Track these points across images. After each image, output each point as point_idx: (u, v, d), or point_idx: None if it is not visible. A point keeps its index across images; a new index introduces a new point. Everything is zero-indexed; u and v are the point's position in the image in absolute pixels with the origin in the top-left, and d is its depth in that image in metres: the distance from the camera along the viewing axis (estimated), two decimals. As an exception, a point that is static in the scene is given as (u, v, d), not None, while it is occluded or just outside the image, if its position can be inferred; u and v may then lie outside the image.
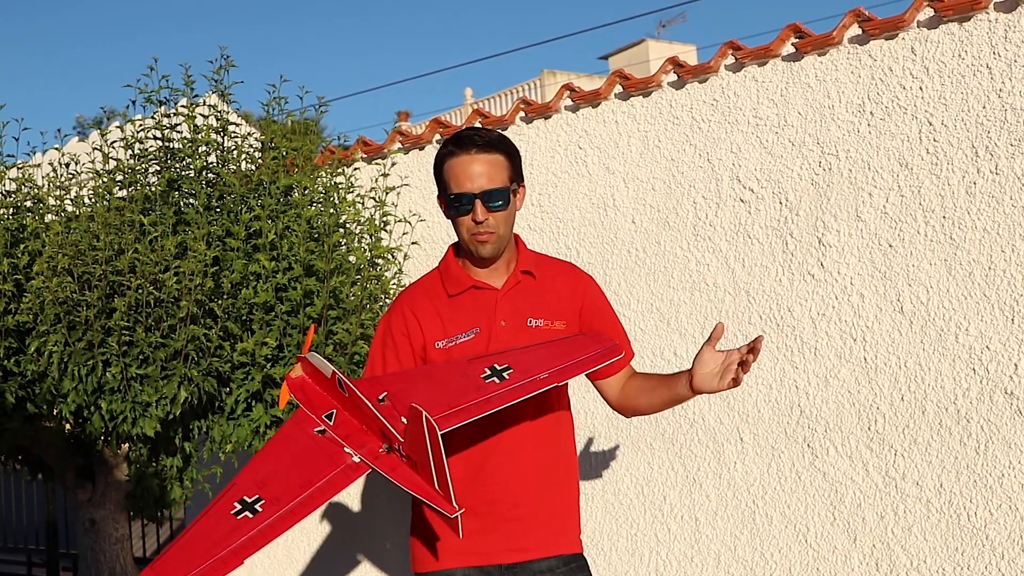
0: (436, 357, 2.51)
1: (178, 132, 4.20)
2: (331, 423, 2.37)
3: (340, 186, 4.35)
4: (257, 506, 2.23)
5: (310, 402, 2.44)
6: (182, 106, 4.24)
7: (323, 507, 5.22)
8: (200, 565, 2.12)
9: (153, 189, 4.09)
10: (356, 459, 2.29)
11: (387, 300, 4.32)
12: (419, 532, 2.57)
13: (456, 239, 2.60)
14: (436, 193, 2.60)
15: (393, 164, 4.76)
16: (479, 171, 2.45)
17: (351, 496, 5.16)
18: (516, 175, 2.54)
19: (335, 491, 2.27)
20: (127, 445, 4.40)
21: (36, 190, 4.21)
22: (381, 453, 2.27)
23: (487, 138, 2.49)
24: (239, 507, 2.23)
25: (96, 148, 4.21)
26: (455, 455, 2.43)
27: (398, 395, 2.37)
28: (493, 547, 2.47)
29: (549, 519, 2.52)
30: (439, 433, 2.10)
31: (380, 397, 2.35)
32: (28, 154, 4.30)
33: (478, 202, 2.45)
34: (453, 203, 2.48)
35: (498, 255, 2.54)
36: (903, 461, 3.63)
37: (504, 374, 2.41)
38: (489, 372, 2.42)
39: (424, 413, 2.09)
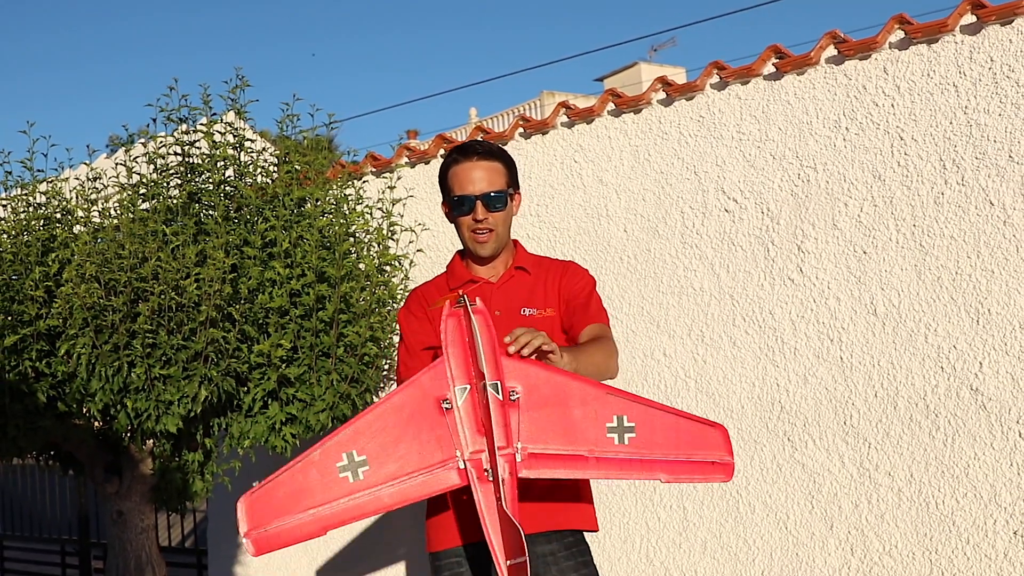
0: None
1: (197, 148, 4.24)
2: (460, 403, 2.22)
3: (350, 198, 4.39)
4: (360, 471, 2.16)
5: (456, 355, 2.25)
6: (201, 124, 4.27)
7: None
8: (287, 516, 2.13)
9: (175, 201, 4.13)
10: (462, 465, 2.18)
11: (395, 304, 4.35)
12: (433, 516, 2.62)
13: (460, 246, 2.71)
14: (440, 203, 2.67)
15: (399, 178, 4.79)
16: (480, 176, 2.58)
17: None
18: (512, 182, 2.65)
19: (427, 494, 2.21)
20: (151, 441, 4.43)
21: (65, 203, 4.25)
22: (484, 474, 2.17)
23: (487, 148, 2.63)
24: (346, 461, 2.16)
25: (121, 163, 4.25)
26: None
27: (529, 401, 2.22)
28: None
29: (556, 505, 2.56)
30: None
31: (513, 393, 2.22)
32: (56, 169, 4.34)
33: (479, 203, 2.56)
34: (456, 204, 2.59)
35: (497, 254, 2.65)
36: (876, 453, 3.65)
37: (626, 437, 2.25)
38: (616, 424, 2.25)
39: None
